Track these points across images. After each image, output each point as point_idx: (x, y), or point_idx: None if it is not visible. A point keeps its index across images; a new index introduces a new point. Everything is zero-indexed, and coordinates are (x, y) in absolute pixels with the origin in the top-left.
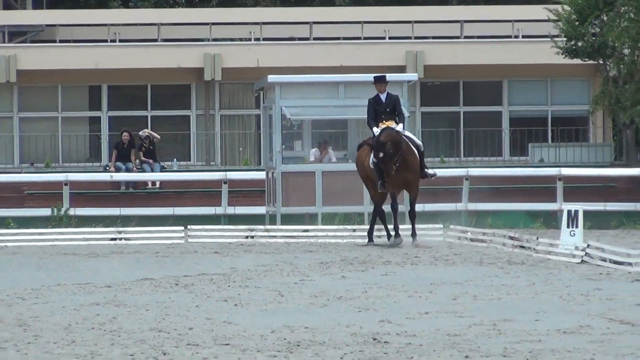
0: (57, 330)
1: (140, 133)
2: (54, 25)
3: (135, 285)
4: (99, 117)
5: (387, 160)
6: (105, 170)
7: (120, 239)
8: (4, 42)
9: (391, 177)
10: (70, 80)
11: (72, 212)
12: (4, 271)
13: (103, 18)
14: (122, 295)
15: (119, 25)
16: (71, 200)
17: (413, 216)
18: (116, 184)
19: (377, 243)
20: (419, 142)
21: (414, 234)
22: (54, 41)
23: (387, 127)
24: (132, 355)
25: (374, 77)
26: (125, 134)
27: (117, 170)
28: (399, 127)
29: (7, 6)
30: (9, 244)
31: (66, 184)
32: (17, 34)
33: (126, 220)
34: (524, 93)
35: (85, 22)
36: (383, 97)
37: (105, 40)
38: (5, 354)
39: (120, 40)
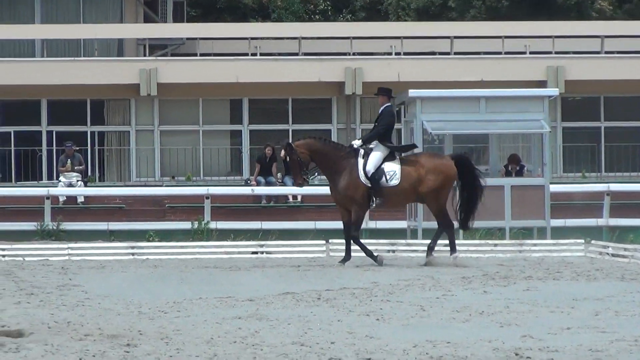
0: (199, 344)
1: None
2: (195, 39)
3: (277, 299)
4: (240, 131)
5: (292, 164)
6: (246, 184)
7: (262, 252)
8: (144, 55)
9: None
10: (211, 94)
11: (212, 225)
12: (146, 284)
13: (244, 31)
14: (264, 309)
15: (259, 38)
16: (212, 213)
17: (349, 239)
18: (257, 198)
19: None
20: (369, 168)
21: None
22: (195, 54)
23: (311, 137)
24: None
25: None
26: (268, 148)
27: (257, 184)
28: (356, 143)
29: (148, 19)
30: (150, 257)
31: (207, 198)
32: (158, 47)
33: (267, 234)
34: None
35: (225, 36)
36: (381, 109)
37: (246, 54)
38: None
39: (261, 54)
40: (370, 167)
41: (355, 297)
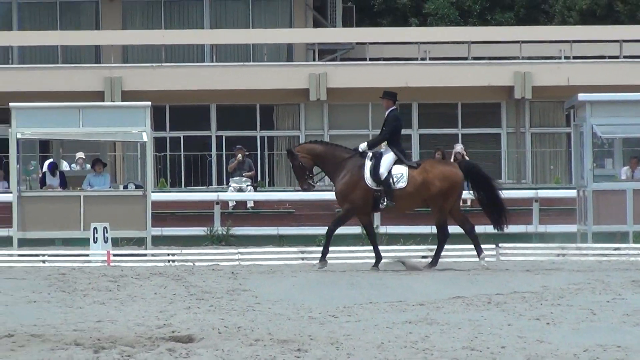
0: (370, 349)
1: (457, 147)
2: (364, 43)
3: (448, 303)
4: (410, 135)
5: (295, 170)
6: None
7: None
8: (314, 60)
9: None
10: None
11: (382, 229)
12: (316, 289)
13: (413, 36)
14: (434, 314)
15: (429, 43)
16: (382, 217)
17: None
18: None
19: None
20: (382, 171)
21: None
22: (364, 59)
23: (313, 141)
24: None
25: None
26: (438, 152)
27: None
28: (362, 146)
29: (317, 24)
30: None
31: None
32: (327, 51)
33: (436, 238)
34: None
35: (395, 40)
36: (386, 114)
37: (415, 59)
38: None
39: (430, 58)
40: (383, 169)
41: (526, 301)
